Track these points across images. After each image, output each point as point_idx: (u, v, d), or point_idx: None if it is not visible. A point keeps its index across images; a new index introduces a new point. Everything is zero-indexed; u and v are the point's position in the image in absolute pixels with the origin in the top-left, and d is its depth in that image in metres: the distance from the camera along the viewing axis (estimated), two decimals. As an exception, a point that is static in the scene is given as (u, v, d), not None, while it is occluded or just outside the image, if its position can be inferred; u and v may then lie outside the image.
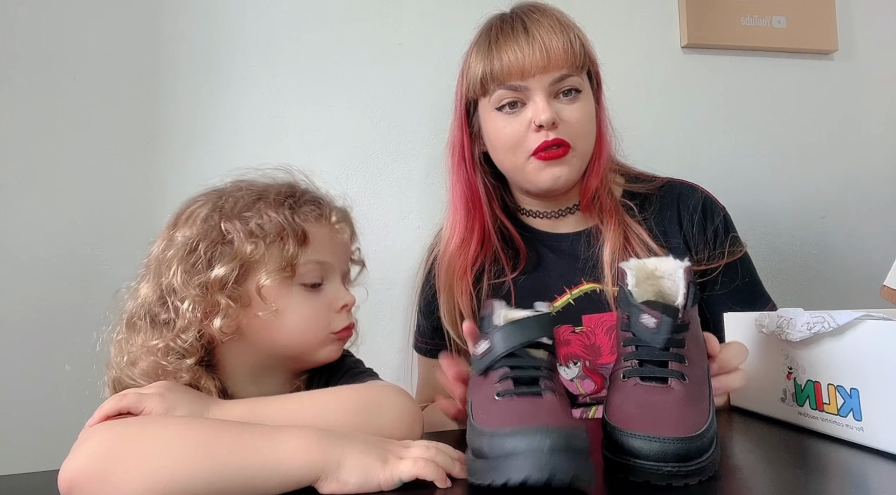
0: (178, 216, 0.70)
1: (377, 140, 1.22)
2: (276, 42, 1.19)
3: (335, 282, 0.72)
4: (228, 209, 0.68)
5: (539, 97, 0.87)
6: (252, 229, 0.66)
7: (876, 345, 0.58)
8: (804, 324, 0.65)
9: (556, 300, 0.93)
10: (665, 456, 0.48)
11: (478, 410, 0.53)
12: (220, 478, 0.50)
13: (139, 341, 0.65)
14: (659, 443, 0.48)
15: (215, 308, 0.65)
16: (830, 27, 1.39)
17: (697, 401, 0.54)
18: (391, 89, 1.23)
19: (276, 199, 0.69)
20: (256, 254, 0.65)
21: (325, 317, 0.70)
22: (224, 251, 0.66)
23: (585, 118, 0.90)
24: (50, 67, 1.10)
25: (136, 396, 0.57)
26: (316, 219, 0.70)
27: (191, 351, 0.65)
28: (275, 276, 0.65)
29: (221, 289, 0.64)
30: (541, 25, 0.88)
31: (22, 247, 1.07)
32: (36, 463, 0.67)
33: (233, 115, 1.17)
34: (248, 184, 0.72)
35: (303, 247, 0.68)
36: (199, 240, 0.66)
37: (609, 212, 0.94)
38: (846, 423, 0.61)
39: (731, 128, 1.37)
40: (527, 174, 0.91)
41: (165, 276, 0.66)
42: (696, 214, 0.95)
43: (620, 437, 0.50)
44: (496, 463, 0.46)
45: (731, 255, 0.93)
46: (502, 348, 0.55)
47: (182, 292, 0.65)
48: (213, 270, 0.64)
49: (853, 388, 0.61)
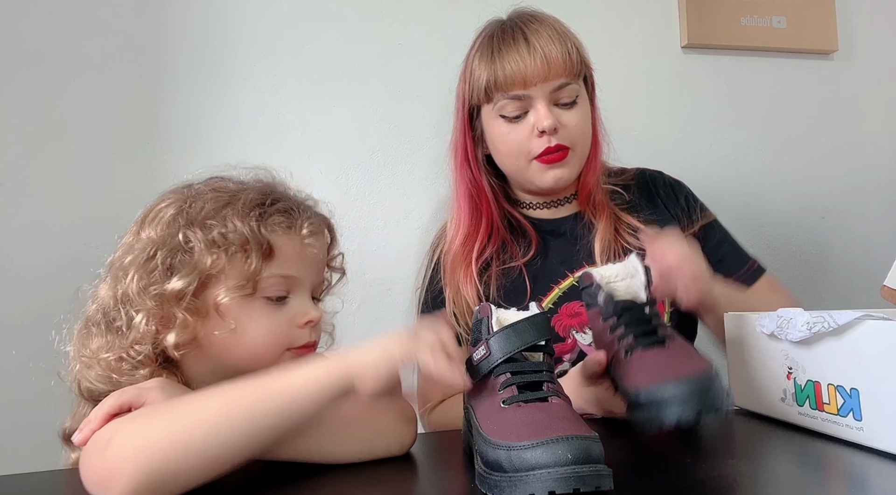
0: (146, 213, 0.67)
1: (377, 140, 1.22)
2: (276, 42, 1.19)
3: (302, 295, 0.68)
4: (193, 214, 0.65)
5: (541, 104, 0.92)
6: (214, 239, 0.63)
7: (876, 344, 0.58)
8: (804, 324, 0.65)
9: (559, 283, 0.97)
10: (699, 391, 0.54)
11: (485, 419, 0.53)
12: (254, 424, 0.52)
13: (94, 346, 0.64)
14: (690, 383, 0.55)
15: (171, 321, 0.62)
16: (830, 27, 1.39)
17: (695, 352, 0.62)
18: (391, 89, 1.23)
19: (244, 207, 0.65)
20: (216, 267, 0.62)
21: (285, 333, 0.66)
22: (184, 260, 0.63)
23: (583, 122, 0.96)
24: (50, 67, 1.10)
25: (136, 391, 0.57)
26: (284, 231, 0.66)
27: (145, 362, 0.62)
28: (233, 293, 0.62)
29: (178, 302, 0.62)
30: (540, 36, 0.92)
31: (22, 247, 1.07)
32: (36, 463, 0.67)
33: (233, 114, 1.17)
34: (221, 186, 0.68)
35: (267, 262, 0.64)
36: (159, 248, 0.63)
37: (601, 206, 1.00)
38: (846, 423, 0.61)
39: (731, 128, 1.37)
40: (529, 176, 0.97)
41: (122, 283, 0.63)
42: (667, 189, 1.06)
43: (652, 392, 0.56)
44: (517, 477, 0.46)
45: (705, 218, 1.03)
46: (500, 354, 0.55)
47: (137, 302, 0.62)
48: (171, 282, 0.62)
49: (853, 388, 0.61)
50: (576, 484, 0.44)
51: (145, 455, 0.49)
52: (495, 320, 0.58)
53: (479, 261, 0.98)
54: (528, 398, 0.52)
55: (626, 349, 0.63)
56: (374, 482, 0.57)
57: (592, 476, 0.44)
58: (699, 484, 0.52)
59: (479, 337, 0.58)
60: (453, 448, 0.66)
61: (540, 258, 1.00)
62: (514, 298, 0.95)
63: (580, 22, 0.98)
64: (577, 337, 0.95)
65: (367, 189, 1.21)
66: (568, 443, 0.45)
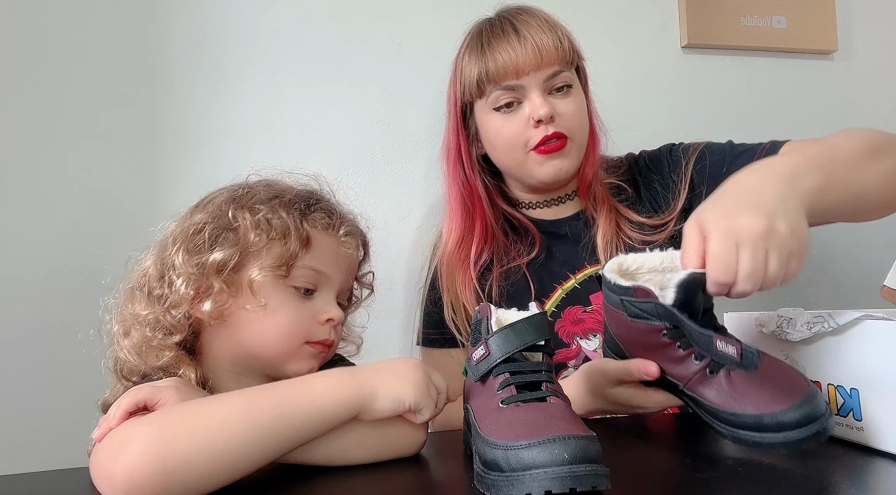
0: (201, 201, 0.73)
1: (377, 140, 1.22)
2: (276, 42, 1.19)
3: (328, 294, 0.71)
4: (245, 200, 0.70)
5: (535, 94, 0.91)
6: (259, 221, 0.67)
7: (876, 344, 0.58)
8: (804, 324, 0.65)
9: (561, 284, 0.96)
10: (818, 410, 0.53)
11: (483, 419, 0.53)
12: (274, 438, 0.54)
13: (133, 310, 0.67)
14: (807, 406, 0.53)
15: (208, 290, 0.66)
16: (830, 27, 1.39)
17: (788, 367, 0.58)
18: (391, 89, 1.23)
19: (291, 201, 0.71)
20: (258, 245, 0.67)
21: (306, 325, 0.69)
22: (228, 237, 0.67)
23: (579, 110, 0.94)
24: (50, 67, 1.10)
25: (152, 389, 0.57)
26: (324, 228, 0.71)
27: (178, 328, 0.66)
28: (268, 272, 0.66)
29: (218, 273, 0.66)
30: (530, 25, 0.91)
31: (22, 247, 1.07)
32: (36, 463, 0.67)
33: (233, 114, 1.17)
34: (273, 183, 0.74)
35: (303, 250, 0.68)
36: (207, 223, 0.68)
37: (601, 199, 0.98)
38: (846, 423, 0.61)
39: (731, 128, 1.36)
40: (528, 169, 0.95)
41: (168, 252, 0.68)
42: (651, 163, 1.02)
43: (778, 418, 0.53)
44: (514, 477, 0.46)
45: (694, 150, 0.97)
46: (500, 354, 0.55)
47: (180, 269, 0.66)
48: (213, 253, 0.66)
49: (853, 388, 0.61)
50: (572, 484, 0.44)
51: (164, 457, 0.49)
52: (495, 320, 0.58)
53: (477, 265, 0.97)
54: (527, 398, 0.52)
55: (710, 368, 0.59)
56: (374, 482, 0.57)
57: (589, 475, 0.44)
58: (699, 484, 0.52)
59: (478, 337, 0.59)
60: (453, 448, 0.66)
61: (542, 258, 0.99)
62: (517, 301, 0.94)
63: (580, 22, 0.98)
64: (582, 343, 0.94)
65: (367, 189, 1.21)
66: (565, 443, 0.45)
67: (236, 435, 0.52)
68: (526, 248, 0.99)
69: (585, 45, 0.97)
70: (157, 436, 0.50)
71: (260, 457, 0.54)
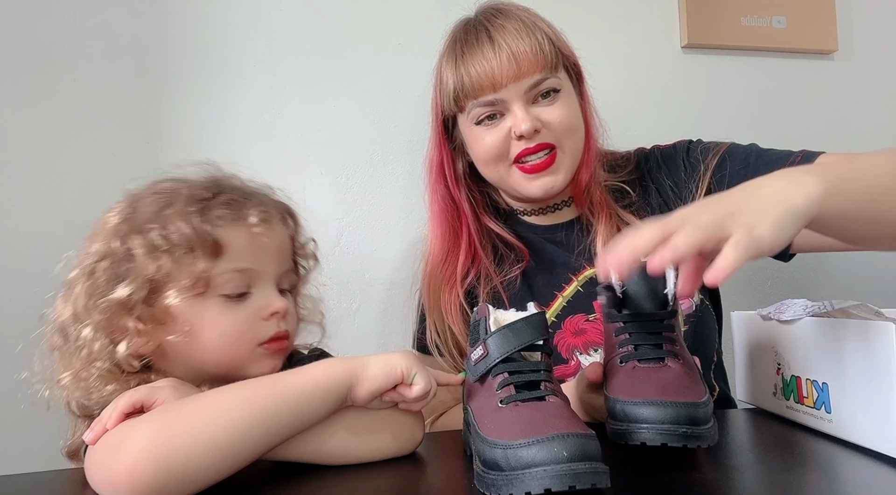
0: (95, 225, 0.66)
1: (377, 140, 1.22)
2: (276, 42, 1.19)
3: (265, 288, 0.65)
4: (135, 220, 0.63)
5: (516, 106, 0.85)
6: (155, 243, 0.60)
7: (841, 340, 0.61)
8: (802, 308, 0.67)
9: (562, 292, 0.92)
10: (678, 418, 0.51)
11: (482, 419, 0.53)
12: (273, 421, 0.54)
13: (60, 368, 0.62)
14: (672, 408, 0.51)
15: (123, 332, 0.60)
16: (830, 27, 1.39)
17: (695, 377, 0.58)
18: (391, 89, 1.23)
19: (185, 205, 0.62)
20: (161, 272, 0.60)
21: (250, 328, 0.64)
22: (129, 269, 0.61)
23: (568, 117, 0.87)
24: (50, 67, 1.10)
25: (149, 389, 0.57)
26: (230, 224, 0.63)
27: (108, 378, 0.60)
28: (184, 294, 0.60)
29: (128, 312, 0.60)
30: (506, 31, 0.84)
31: (20, 247, 1.07)
32: (36, 463, 0.67)
33: (233, 114, 1.17)
34: (162, 188, 0.66)
35: (216, 259, 0.62)
36: (101, 258, 0.62)
37: (600, 204, 0.93)
38: (820, 416, 0.65)
39: (731, 128, 1.36)
40: (513, 184, 0.90)
41: (70, 299, 0.62)
42: (664, 161, 0.96)
43: (629, 409, 0.53)
44: (514, 475, 0.46)
45: (716, 152, 0.90)
46: (498, 354, 0.55)
47: (84, 317, 0.60)
48: (115, 291, 0.60)
49: (824, 383, 0.64)
50: (572, 482, 0.44)
51: (164, 453, 0.49)
52: (493, 320, 0.58)
53: (464, 283, 0.92)
54: (526, 397, 0.52)
55: (622, 358, 0.60)
56: (374, 482, 0.57)
57: (589, 473, 0.44)
58: (699, 483, 0.52)
59: (477, 337, 0.59)
60: (454, 448, 0.66)
61: (537, 267, 0.94)
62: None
63: (579, 22, 0.98)
64: (581, 359, 0.89)
65: (367, 189, 1.21)
66: (564, 441, 0.45)
67: (235, 424, 0.52)
68: (517, 261, 0.94)
69: (585, 45, 0.96)
70: (157, 432, 0.50)
71: (260, 444, 0.54)
